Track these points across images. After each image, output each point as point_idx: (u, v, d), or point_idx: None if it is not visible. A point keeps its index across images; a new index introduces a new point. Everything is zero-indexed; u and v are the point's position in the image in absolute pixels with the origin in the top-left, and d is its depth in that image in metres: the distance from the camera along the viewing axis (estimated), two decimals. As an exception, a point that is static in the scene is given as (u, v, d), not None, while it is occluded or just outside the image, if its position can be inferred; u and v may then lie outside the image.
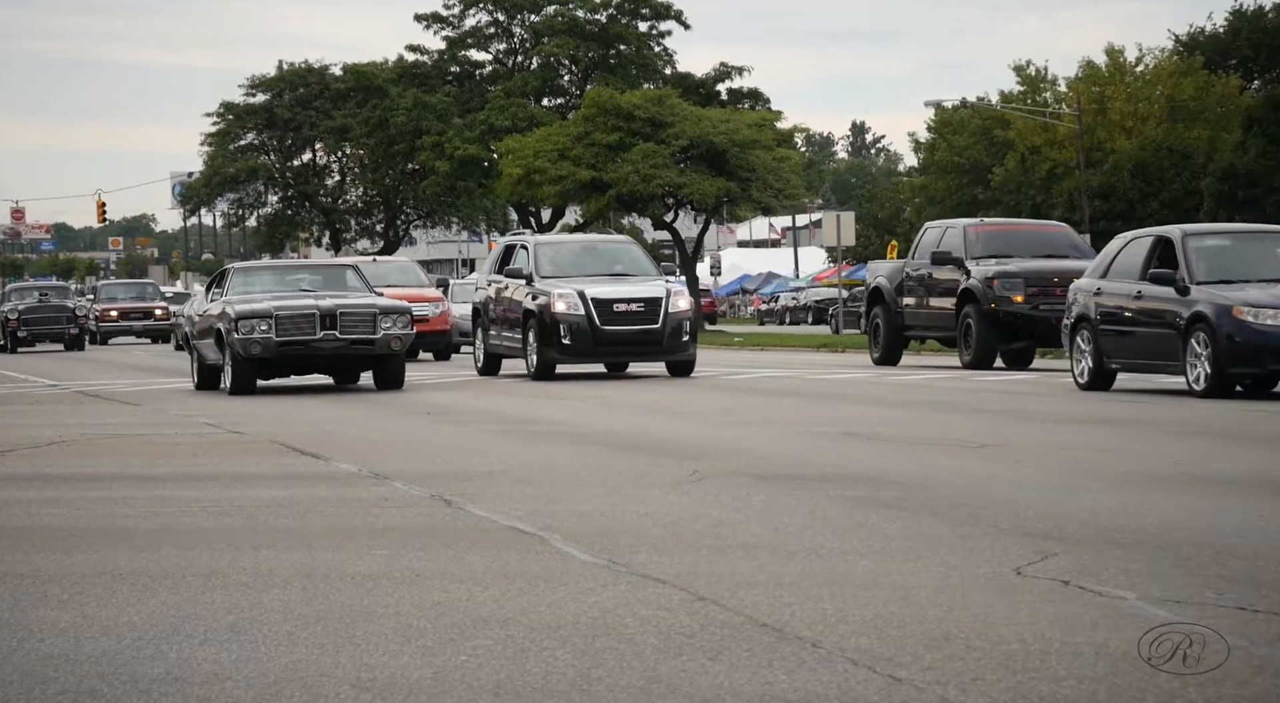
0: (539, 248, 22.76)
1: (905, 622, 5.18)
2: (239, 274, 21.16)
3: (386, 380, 19.81)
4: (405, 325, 19.34)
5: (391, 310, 19.45)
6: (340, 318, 19.12)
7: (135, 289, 55.53)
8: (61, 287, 51.59)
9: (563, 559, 6.60)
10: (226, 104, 74.66)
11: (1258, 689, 4.32)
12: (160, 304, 51.84)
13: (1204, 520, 7.33)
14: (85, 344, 43.97)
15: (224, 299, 19.92)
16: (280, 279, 21.15)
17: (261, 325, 18.95)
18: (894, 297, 24.51)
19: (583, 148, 51.45)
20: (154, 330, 50.90)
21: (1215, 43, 75.43)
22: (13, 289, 49.04)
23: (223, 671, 4.77)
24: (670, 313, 21.11)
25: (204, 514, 8.28)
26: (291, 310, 19.18)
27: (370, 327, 19.11)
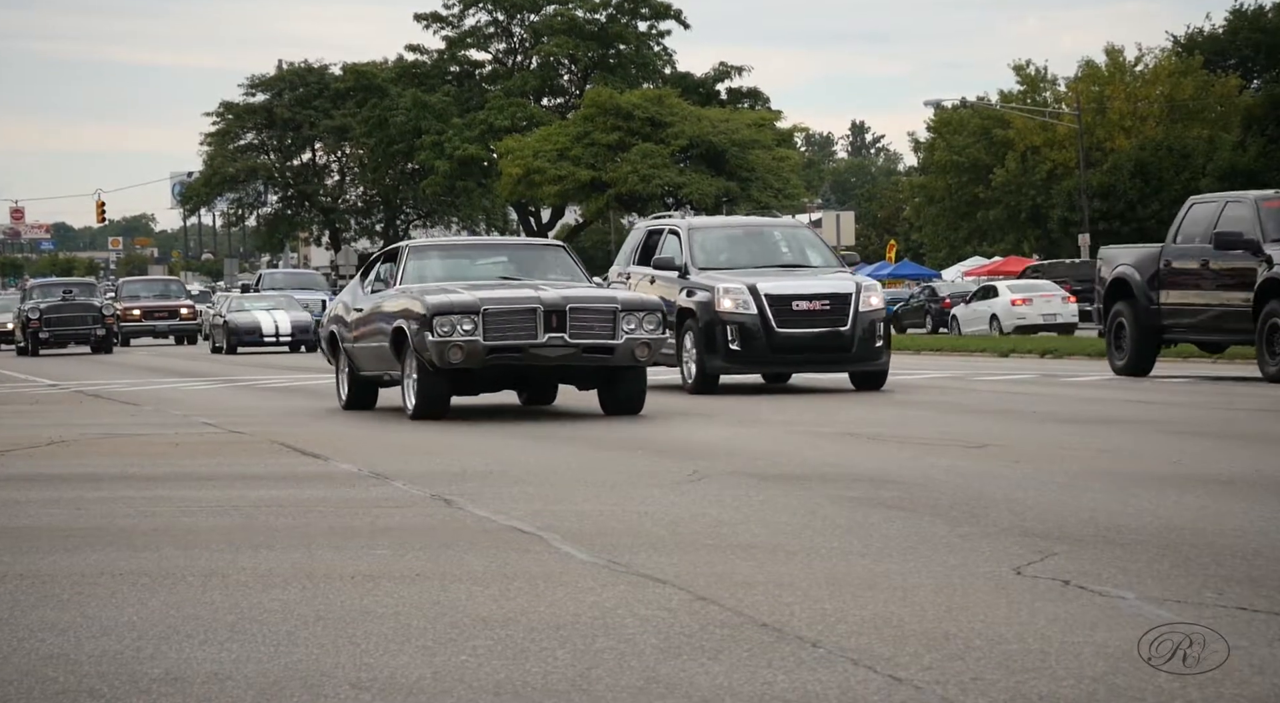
0: (694, 233, 18.68)
1: (905, 622, 5.19)
2: (416, 256, 15.78)
3: (620, 401, 14.35)
4: (655, 327, 14.00)
5: (636, 306, 14.13)
6: (570, 315, 13.83)
7: (159, 287, 52.36)
8: (87, 283, 47.69)
9: (562, 559, 6.61)
10: (226, 104, 74.72)
11: (1258, 689, 4.32)
12: (186, 303, 49.42)
13: (1204, 521, 7.34)
14: (113, 346, 41.21)
15: (401, 288, 14.97)
16: (470, 262, 16.12)
17: (465, 324, 13.75)
18: (1146, 290, 19.35)
19: (582, 148, 51.50)
20: (179, 331, 48.19)
21: (1214, 42, 75.46)
22: (35, 286, 45.28)
23: (223, 670, 4.77)
24: (861, 312, 17.29)
25: (204, 514, 8.28)
26: (505, 304, 13.91)
27: (609, 328, 13.84)
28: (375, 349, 15.12)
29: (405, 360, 14.35)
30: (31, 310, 40.23)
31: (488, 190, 63.57)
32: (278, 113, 73.32)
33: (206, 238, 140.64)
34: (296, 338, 38.08)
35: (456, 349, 13.73)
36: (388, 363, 14.90)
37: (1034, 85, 74.78)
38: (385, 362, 14.98)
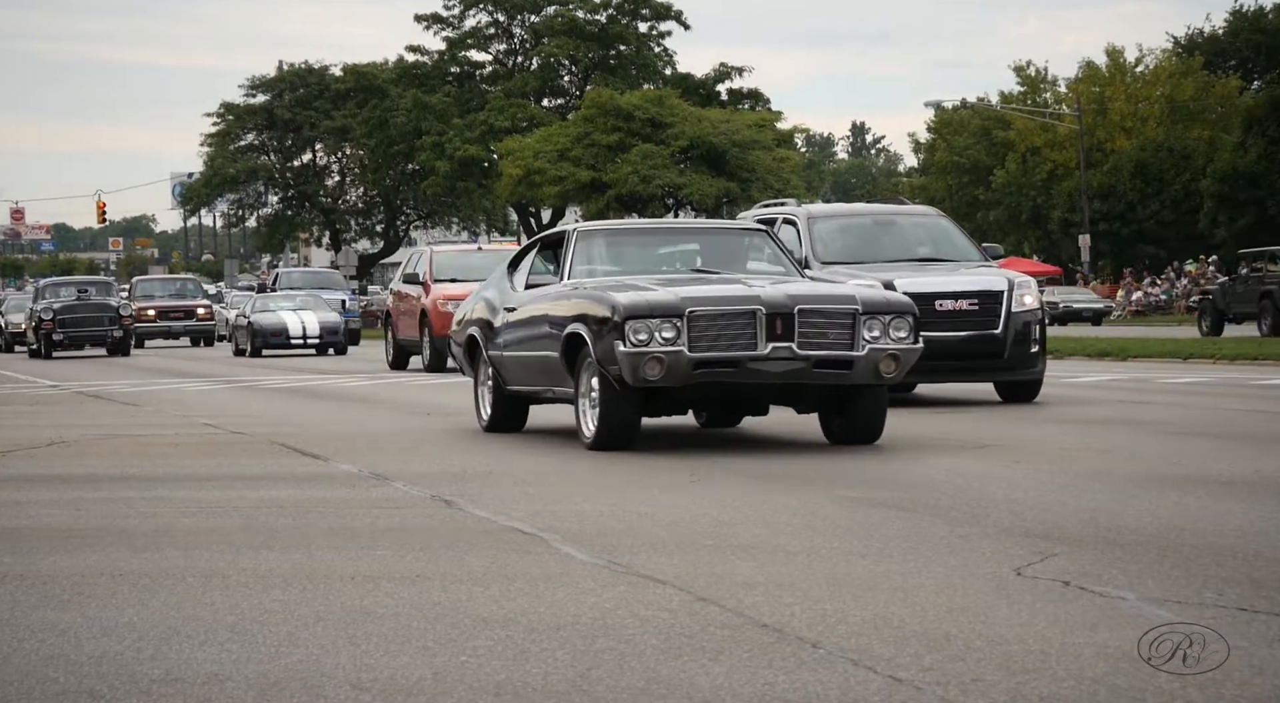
0: (814, 223, 16.36)
1: (905, 622, 5.18)
2: (586, 242, 12.41)
3: (854, 428, 11.28)
4: (906, 334, 10.87)
5: (882, 307, 10.97)
6: (800, 319, 10.71)
7: (174, 286, 49.57)
8: (103, 282, 43.95)
9: (563, 560, 6.60)
10: (227, 104, 74.74)
11: (1258, 690, 4.32)
12: (202, 303, 47.06)
13: (1204, 521, 7.34)
14: (130, 348, 38.62)
15: (572, 284, 11.87)
16: (652, 251, 12.75)
17: (664, 330, 10.65)
18: None
19: (582, 148, 51.51)
20: (196, 332, 45.87)
21: (1215, 43, 75.46)
22: (48, 285, 41.84)
23: (223, 671, 4.77)
24: (1014, 313, 15.15)
25: (204, 515, 8.28)
26: (717, 305, 10.76)
27: (847, 335, 10.75)
28: (537, 361, 12.00)
29: (581, 375, 11.21)
30: (44, 310, 37.70)
31: (488, 191, 63.57)
32: (278, 113, 73.34)
33: (207, 239, 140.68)
34: (325, 340, 35.90)
35: (654, 362, 10.57)
36: (552, 377, 11.77)
37: (1034, 86, 74.80)
38: (549, 375, 11.82)
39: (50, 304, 38.07)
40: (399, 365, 26.71)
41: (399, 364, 26.76)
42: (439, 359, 24.46)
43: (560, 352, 11.39)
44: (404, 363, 26.71)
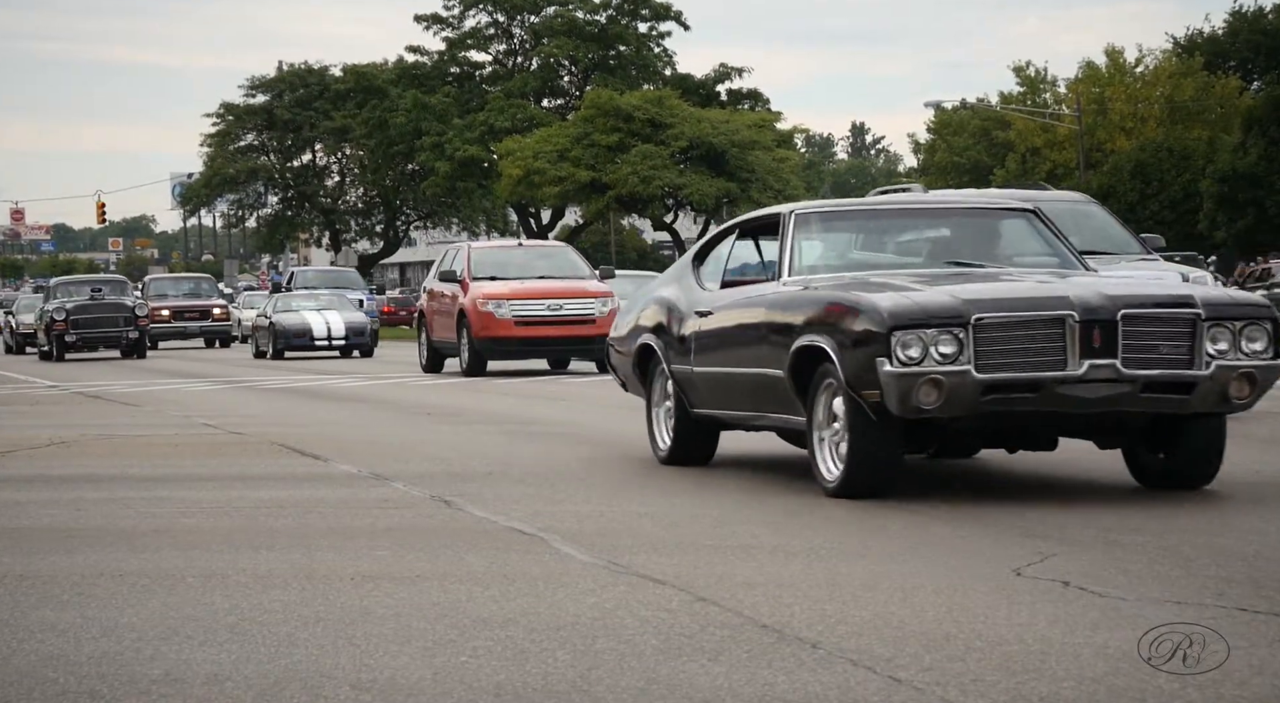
0: None
1: (905, 623, 5.19)
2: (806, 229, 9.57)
3: (1185, 466, 8.58)
4: (1264, 345, 8.25)
5: (1228, 311, 8.30)
6: (1124, 327, 8.09)
7: (189, 285, 46.90)
8: (117, 280, 40.89)
9: (562, 560, 6.61)
10: (226, 105, 74.74)
11: (1258, 690, 4.32)
12: (218, 302, 44.51)
13: (1204, 522, 7.34)
14: (145, 350, 36.26)
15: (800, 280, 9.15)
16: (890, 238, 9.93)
17: (943, 343, 8.01)
18: None
19: (582, 149, 51.52)
20: (211, 332, 43.37)
21: (1214, 44, 75.47)
22: (59, 284, 39.24)
23: (223, 672, 4.77)
24: None
25: (204, 515, 8.28)
26: (1012, 309, 8.14)
27: (1185, 349, 8.16)
28: (746, 380, 9.39)
29: (817, 400, 8.58)
30: (56, 311, 35.33)
31: (488, 191, 63.60)
32: (278, 114, 73.35)
33: (206, 239, 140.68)
34: (351, 341, 33.52)
35: (931, 386, 7.96)
36: (769, 400, 9.14)
37: (1034, 86, 74.84)
38: (764, 398, 9.20)
39: (62, 304, 35.89)
40: (433, 369, 24.61)
41: (433, 367, 24.66)
42: (478, 362, 22.86)
43: (787, 370, 8.74)
44: (439, 366, 24.69)
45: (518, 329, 22.75)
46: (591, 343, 21.87)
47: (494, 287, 23.02)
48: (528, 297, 22.86)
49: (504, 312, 22.65)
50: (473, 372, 22.78)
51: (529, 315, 22.74)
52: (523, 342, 22.82)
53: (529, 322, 22.76)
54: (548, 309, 22.88)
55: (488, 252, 25.28)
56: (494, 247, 26.79)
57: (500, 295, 22.81)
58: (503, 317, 22.69)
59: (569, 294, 23.01)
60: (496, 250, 25.89)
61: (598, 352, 21.06)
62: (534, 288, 23.15)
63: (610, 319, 18.34)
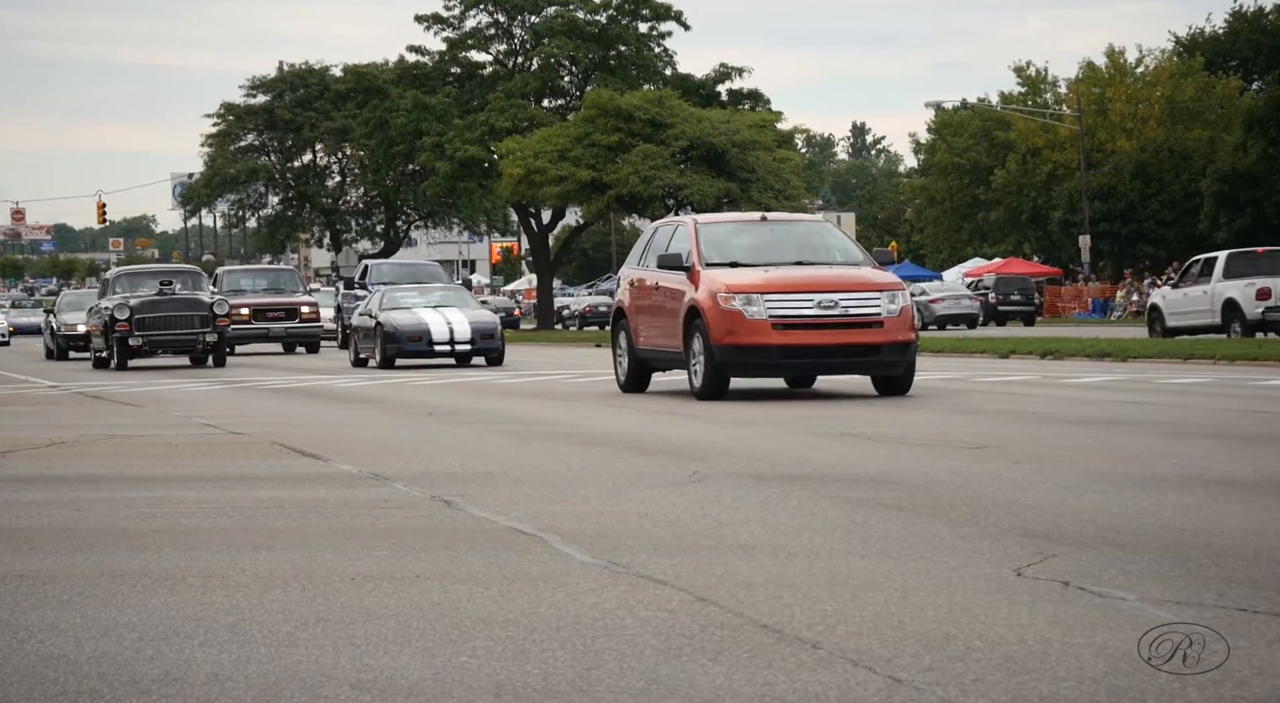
0: None
1: (905, 623, 5.18)
2: None
3: None
4: None
5: None
6: None
7: (267, 278, 40.04)
8: (190, 271, 33.03)
9: (563, 560, 6.60)
10: (227, 105, 74.77)
11: (1258, 690, 4.32)
12: (306, 300, 37.62)
13: (1204, 521, 7.33)
14: (225, 356, 30.06)
15: None
16: None
17: None
18: None
19: (582, 149, 51.49)
20: (299, 336, 36.63)
21: (1215, 44, 75.44)
22: (121, 276, 31.92)
23: (223, 671, 4.77)
24: None
25: (204, 515, 8.28)
26: None
27: None
28: None
29: None
30: (119, 308, 29.01)
31: (488, 191, 63.60)
32: (278, 114, 73.36)
33: (207, 239, 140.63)
34: (477, 345, 27.60)
35: None
36: None
37: (1035, 87, 74.80)
38: None
39: (126, 300, 29.31)
40: (636, 386, 18.53)
41: (636, 384, 18.55)
42: (718, 379, 16.64)
43: None
44: (643, 382, 18.63)
45: (775, 334, 16.32)
46: (876, 353, 16.31)
47: (739, 276, 16.77)
48: (788, 289, 16.48)
49: (756, 310, 16.35)
50: (709, 393, 16.66)
51: (791, 315, 16.38)
52: (783, 351, 16.43)
53: (791, 323, 16.34)
54: (817, 307, 16.38)
55: (723, 228, 18.31)
56: (730, 221, 19.37)
57: (750, 287, 16.50)
58: (755, 317, 16.34)
59: (845, 285, 16.55)
60: (734, 226, 18.64)
61: (885, 364, 16.46)
62: (796, 277, 16.77)
63: (904, 320, 16.32)
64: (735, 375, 16.85)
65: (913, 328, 16.64)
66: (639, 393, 18.28)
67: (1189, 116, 68.81)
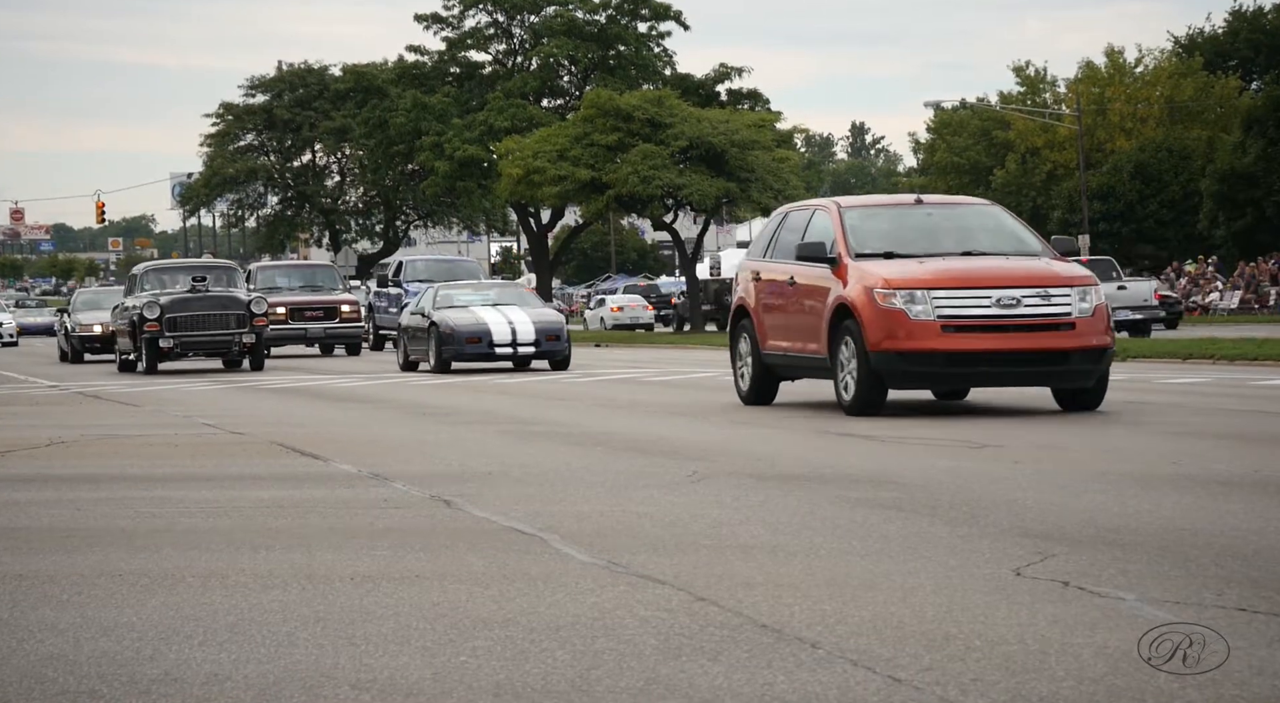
0: None
1: (904, 622, 5.18)
2: None
3: None
4: None
5: None
6: None
7: (303, 274, 37.21)
8: (225, 266, 30.64)
9: (562, 560, 6.60)
10: (226, 105, 74.78)
11: (1257, 691, 4.32)
12: (347, 298, 34.84)
13: (1204, 521, 7.34)
14: (263, 359, 27.58)
15: None
16: None
17: None
18: None
19: (582, 149, 51.47)
20: (340, 337, 33.94)
21: (1214, 43, 75.45)
22: (151, 270, 29.41)
23: (222, 671, 4.77)
24: None
25: (203, 515, 8.28)
26: None
27: None
28: None
29: None
30: (148, 306, 26.66)
31: (488, 191, 63.61)
32: (277, 114, 73.36)
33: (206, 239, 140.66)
34: (542, 348, 25.07)
35: None
36: None
37: (1034, 86, 74.80)
38: None
39: (155, 298, 27.01)
40: (761, 397, 15.84)
41: (761, 395, 15.84)
42: (874, 389, 13.96)
43: None
44: (769, 393, 15.89)
45: (945, 338, 13.73)
46: (1065, 360, 13.92)
47: (898, 268, 14.14)
48: (959, 283, 13.92)
49: (922, 309, 13.80)
50: (863, 407, 14.00)
51: (964, 315, 13.80)
52: (952, 358, 13.79)
53: (964, 325, 13.76)
54: (996, 305, 13.80)
55: (872, 213, 15.54)
56: (879, 204, 16.42)
57: (914, 282, 13.88)
58: (920, 317, 13.77)
59: (1027, 279, 13.93)
60: (885, 211, 15.74)
61: (1075, 374, 14.01)
62: (968, 270, 14.18)
63: (1099, 321, 13.98)
64: (896, 387, 14.23)
65: (1109, 331, 14.01)
66: (765, 405, 15.56)
67: (1188, 116, 68.82)
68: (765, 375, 15.72)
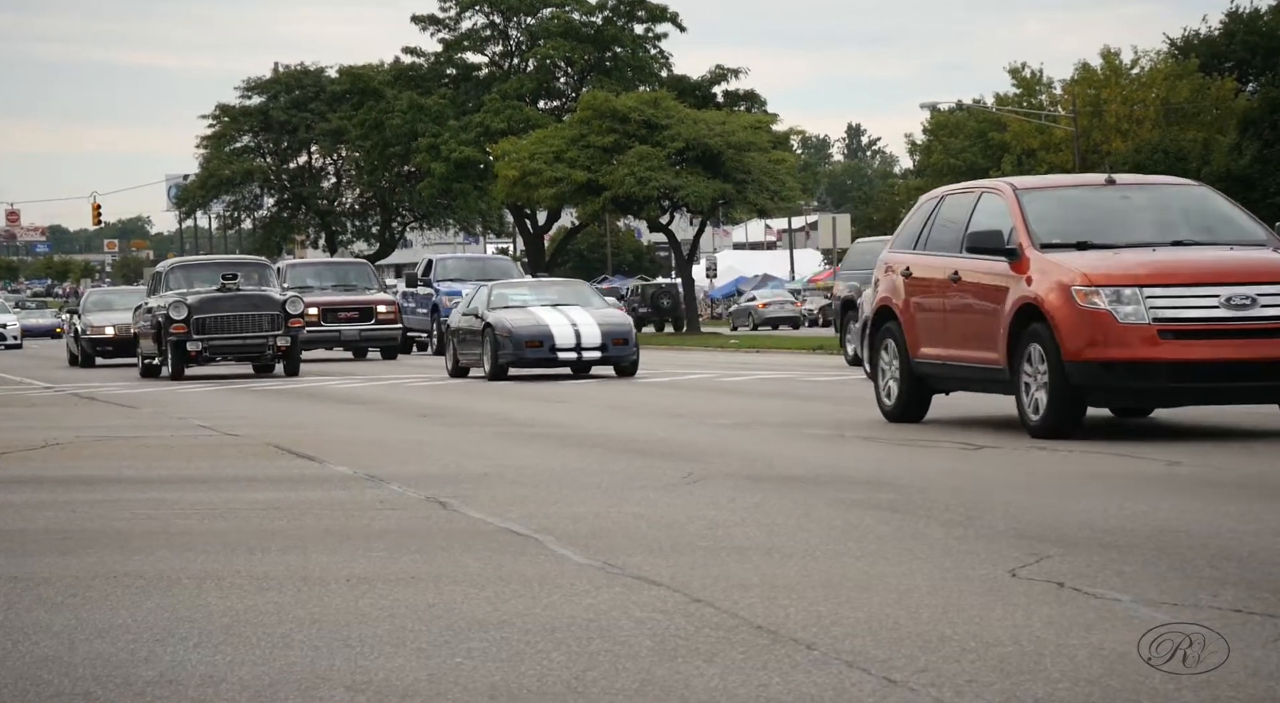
0: None
1: (900, 624, 5.18)
2: None
3: None
4: None
5: None
6: None
7: (336, 273, 34.91)
8: (257, 263, 28.44)
9: (558, 561, 6.60)
10: (222, 106, 74.75)
11: (1252, 692, 4.32)
12: (383, 298, 32.63)
13: (1199, 523, 7.34)
14: (299, 364, 25.62)
15: None
16: None
17: None
18: None
19: (578, 150, 51.48)
20: (375, 338, 31.76)
21: (1210, 45, 75.49)
22: (177, 267, 27.58)
23: (218, 673, 4.77)
24: None
25: (199, 517, 8.27)
26: None
27: None
28: None
29: None
30: (174, 307, 24.67)
31: (484, 193, 63.60)
32: (273, 115, 73.34)
33: (202, 241, 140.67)
34: (610, 352, 22.74)
35: None
36: None
37: (1030, 88, 74.86)
38: None
39: (182, 297, 24.96)
40: (910, 413, 13.42)
41: (910, 410, 13.43)
42: (1072, 408, 11.54)
43: None
44: (921, 408, 13.50)
45: (1164, 346, 11.25)
46: None
47: (1097, 262, 11.69)
48: (1178, 278, 11.47)
49: (1133, 311, 11.32)
50: (1055, 428, 11.55)
51: (1188, 318, 11.37)
52: (1175, 370, 11.28)
53: (1189, 330, 11.31)
54: (1226, 306, 11.32)
55: (1055, 196, 12.99)
56: (1063, 185, 13.68)
57: (1122, 277, 11.46)
58: (1131, 320, 11.29)
59: (1261, 274, 11.52)
60: (1070, 193, 13.20)
61: None
62: (1187, 263, 11.71)
63: None
64: (1098, 404, 12.04)
65: None
66: (914, 423, 13.22)
67: (1184, 118, 68.87)
68: (916, 387, 13.31)
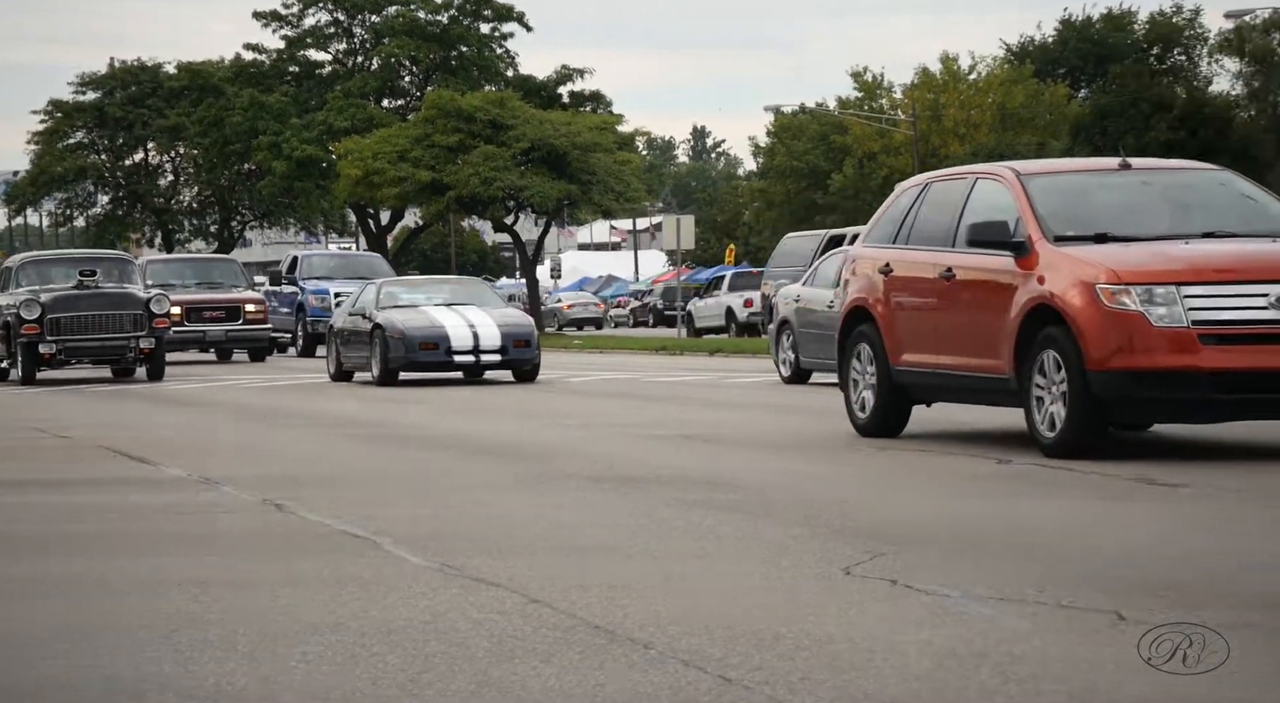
0: None
1: (736, 622, 5.23)
2: None
3: None
4: None
5: None
6: None
7: (200, 270, 32.63)
8: (119, 258, 26.67)
9: (395, 563, 6.55)
10: (55, 102, 72.96)
11: (1074, 686, 4.43)
12: (251, 297, 30.63)
13: (1027, 519, 7.50)
14: (164, 368, 23.87)
15: None
16: None
17: None
18: None
19: (422, 150, 51.13)
20: (241, 341, 30.07)
21: (1045, 52, 77.25)
22: (29, 263, 25.39)
23: (45, 681, 4.65)
24: None
25: (21, 522, 8.07)
26: None
27: None
28: None
29: None
30: (25, 306, 22.75)
31: (326, 192, 62.87)
32: (109, 112, 71.77)
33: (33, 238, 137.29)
34: (510, 356, 21.07)
35: None
36: None
37: (871, 92, 75.95)
38: None
39: (35, 296, 23.06)
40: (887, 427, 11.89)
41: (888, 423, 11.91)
42: (1095, 422, 9.99)
43: None
44: (899, 420, 11.99)
45: (1206, 353, 9.73)
46: None
47: (1121, 256, 10.24)
48: (1219, 275, 10.03)
49: (1168, 312, 9.85)
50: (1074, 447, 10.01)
51: (1235, 321, 9.86)
52: (1218, 380, 9.75)
53: (1235, 333, 9.82)
54: (1275, 306, 9.82)
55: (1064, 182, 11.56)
56: (1072, 170, 12.32)
57: (1155, 273, 10.02)
58: (1166, 323, 9.81)
59: None
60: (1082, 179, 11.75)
61: None
62: (1228, 256, 10.32)
63: None
64: (1127, 419, 10.82)
65: None
66: (891, 437, 11.72)
67: (1019, 123, 70.36)
68: (896, 397, 11.80)
